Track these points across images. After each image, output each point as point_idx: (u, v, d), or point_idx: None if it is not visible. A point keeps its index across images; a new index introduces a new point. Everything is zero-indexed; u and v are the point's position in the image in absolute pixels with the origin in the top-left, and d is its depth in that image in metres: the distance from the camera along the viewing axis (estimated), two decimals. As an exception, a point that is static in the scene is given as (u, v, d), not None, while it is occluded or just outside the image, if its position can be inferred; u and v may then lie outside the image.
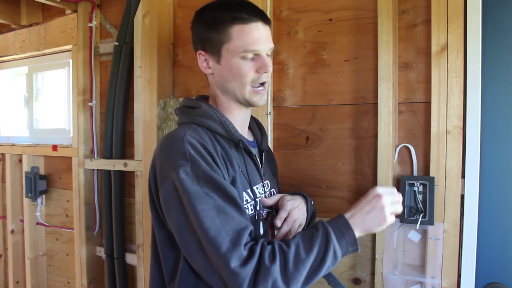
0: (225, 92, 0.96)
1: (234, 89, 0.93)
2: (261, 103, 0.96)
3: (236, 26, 0.89)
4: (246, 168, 0.94)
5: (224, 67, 0.92)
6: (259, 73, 0.91)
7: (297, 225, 0.96)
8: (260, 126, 1.13)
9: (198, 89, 1.65)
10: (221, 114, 0.94)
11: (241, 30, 0.89)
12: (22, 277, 2.29)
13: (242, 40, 0.89)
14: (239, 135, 0.94)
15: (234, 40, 0.89)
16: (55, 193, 2.17)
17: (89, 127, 1.97)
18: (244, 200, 0.90)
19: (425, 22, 1.23)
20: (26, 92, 2.33)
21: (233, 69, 0.91)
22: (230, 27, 0.89)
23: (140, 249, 1.75)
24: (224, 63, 0.92)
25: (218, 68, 0.94)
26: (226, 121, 0.93)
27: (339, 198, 1.37)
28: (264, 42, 0.91)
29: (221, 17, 0.90)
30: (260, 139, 1.08)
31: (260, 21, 0.91)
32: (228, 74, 0.92)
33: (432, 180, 1.18)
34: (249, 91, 0.93)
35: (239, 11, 0.90)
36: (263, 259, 0.74)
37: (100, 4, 1.97)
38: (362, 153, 1.33)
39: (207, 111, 0.93)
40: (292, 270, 0.74)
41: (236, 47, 0.89)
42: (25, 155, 2.18)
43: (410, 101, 1.27)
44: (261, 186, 0.99)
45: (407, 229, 1.26)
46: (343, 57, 1.36)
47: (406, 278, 1.24)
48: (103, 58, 1.97)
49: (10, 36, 2.27)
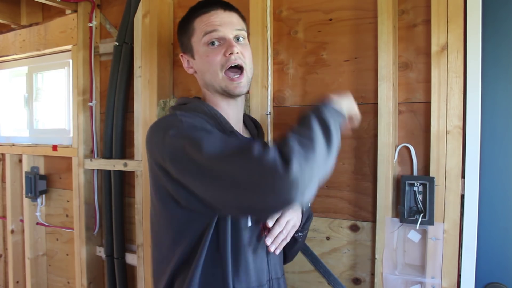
0: (207, 87, 0.99)
1: (210, 80, 0.96)
2: (238, 91, 0.95)
3: (197, 19, 0.96)
4: None
5: (197, 60, 0.97)
6: (225, 55, 0.93)
7: (290, 226, 0.95)
8: (257, 124, 1.13)
9: (198, 89, 1.64)
10: (212, 108, 0.95)
11: (200, 20, 0.96)
12: (22, 277, 2.29)
13: (202, 27, 0.94)
14: (230, 126, 0.94)
15: (196, 30, 0.96)
16: (55, 193, 2.17)
17: (89, 127, 1.97)
18: None
19: (425, 22, 1.23)
20: (26, 92, 2.33)
21: (203, 58, 0.95)
22: (193, 21, 0.98)
23: (140, 249, 1.75)
24: (196, 56, 0.97)
25: (195, 64, 0.99)
26: (217, 114, 0.94)
27: (339, 198, 1.37)
28: (226, 24, 0.94)
29: (188, 18, 1.00)
30: (257, 136, 1.08)
31: (219, 9, 0.96)
32: (202, 65, 0.96)
33: (432, 180, 1.18)
34: (223, 79, 0.94)
35: (202, 7, 0.97)
36: (278, 148, 0.70)
37: (100, 4, 1.97)
38: (362, 153, 1.33)
39: (197, 105, 0.96)
40: (307, 145, 0.71)
41: (199, 34, 0.95)
42: (25, 155, 2.18)
43: (410, 101, 1.27)
44: None
45: (407, 229, 1.26)
46: (343, 57, 1.36)
47: (406, 278, 1.24)
48: (103, 58, 1.97)
49: (10, 36, 2.27)
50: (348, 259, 1.36)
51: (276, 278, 1.01)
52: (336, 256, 1.38)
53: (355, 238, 1.34)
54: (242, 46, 0.95)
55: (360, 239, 1.34)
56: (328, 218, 1.39)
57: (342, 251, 1.37)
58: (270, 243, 0.90)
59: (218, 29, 0.93)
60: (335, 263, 1.38)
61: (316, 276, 1.40)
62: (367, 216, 1.33)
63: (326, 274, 1.37)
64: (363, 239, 1.33)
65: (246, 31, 1.00)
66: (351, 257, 1.35)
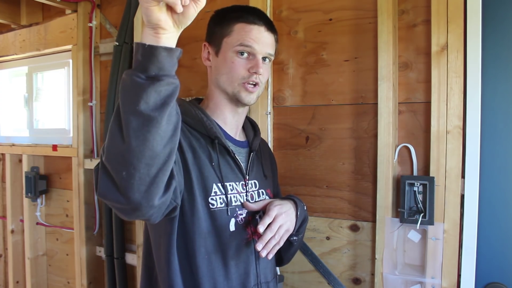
0: (218, 87, 1.00)
1: (224, 82, 0.97)
2: (247, 100, 0.97)
3: (239, 23, 0.96)
4: (219, 163, 0.95)
5: (220, 59, 0.98)
6: (249, 72, 0.95)
7: (283, 230, 0.91)
8: (255, 125, 1.13)
9: (198, 89, 1.65)
10: (201, 111, 0.97)
11: (242, 28, 0.96)
12: (22, 277, 2.29)
13: (241, 35, 0.95)
14: (216, 131, 0.95)
15: (234, 34, 0.96)
16: (55, 193, 2.17)
17: (89, 127, 1.97)
18: (213, 192, 0.92)
19: (425, 22, 1.23)
20: (26, 92, 2.33)
21: (227, 62, 0.96)
22: (234, 23, 0.96)
23: (140, 249, 1.75)
24: (221, 55, 0.98)
25: (215, 61, 1.00)
26: (204, 117, 0.95)
27: (339, 198, 1.37)
28: (262, 44, 0.96)
29: (230, 15, 0.98)
30: (252, 139, 1.08)
31: (264, 26, 0.97)
32: (222, 66, 0.97)
33: (432, 180, 1.18)
34: (238, 85, 0.96)
35: (248, 13, 0.97)
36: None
37: (100, 4, 1.97)
38: (362, 153, 1.33)
39: (187, 108, 0.97)
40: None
41: (234, 40, 0.95)
42: (25, 155, 2.18)
43: (410, 101, 1.27)
44: (241, 185, 0.99)
45: (407, 229, 1.26)
46: (343, 57, 1.36)
47: (406, 278, 1.24)
48: (103, 58, 1.97)
49: (10, 36, 2.27)
50: (348, 259, 1.36)
51: (265, 282, 1.00)
52: (336, 256, 1.38)
53: (355, 238, 1.34)
54: (265, 67, 0.98)
55: (360, 239, 1.34)
56: (328, 218, 1.39)
57: (342, 251, 1.37)
58: (261, 249, 0.88)
59: (254, 47, 0.95)
60: (335, 263, 1.38)
61: (316, 276, 1.40)
62: (367, 216, 1.33)
63: (326, 274, 1.37)
64: (363, 239, 1.33)
65: (274, 55, 1.02)
66: (351, 257, 1.35)
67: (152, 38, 0.63)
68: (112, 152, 0.65)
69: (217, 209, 0.92)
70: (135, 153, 0.62)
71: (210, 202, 0.91)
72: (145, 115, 0.61)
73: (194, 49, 1.65)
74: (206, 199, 0.91)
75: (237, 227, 0.95)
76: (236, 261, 0.94)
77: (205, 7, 0.67)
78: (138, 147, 0.62)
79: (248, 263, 0.96)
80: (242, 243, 0.96)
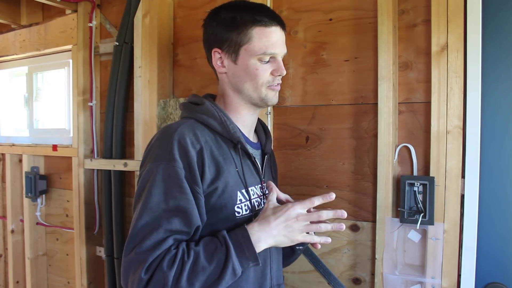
0: (238, 92, 0.97)
1: (249, 89, 0.95)
2: (274, 100, 0.98)
3: (257, 28, 0.92)
4: (243, 169, 0.94)
5: (241, 67, 0.94)
6: (274, 75, 0.94)
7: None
8: (266, 129, 1.12)
9: (198, 89, 1.65)
10: (224, 114, 0.94)
11: (261, 33, 0.92)
12: (22, 277, 2.29)
13: (263, 42, 0.92)
14: (239, 135, 0.93)
15: (254, 41, 0.92)
16: (55, 193, 2.17)
17: (89, 127, 1.97)
18: (238, 200, 0.91)
19: (425, 22, 1.23)
20: (26, 92, 2.33)
21: (250, 70, 0.93)
22: (251, 28, 0.92)
23: (140, 249, 1.75)
24: (241, 63, 0.94)
25: (233, 68, 0.95)
26: (227, 121, 0.93)
27: (339, 198, 1.37)
28: (281, 46, 0.95)
29: (242, 18, 0.92)
30: (265, 142, 1.08)
31: (279, 26, 0.95)
32: (244, 74, 0.94)
33: (432, 180, 1.18)
34: (265, 89, 0.95)
35: (260, 13, 0.93)
36: (163, 262, 0.77)
37: (100, 4, 1.97)
38: (362, 153, 1.33)
39: (209, 109, 0.94)
40: (185, 281, 0.76)
41: (256, 48, 0.92)
42: (25, 155, 2.18)
43: (410, 101, 1.27)
44: (260, 188, 0.99)
45: (407, 229, 1.26)
46: (343, 57, 1.36)
47: (406, 278, 1.24)
48: (103, 58, 1.97)
49: (10, 36, 2.27)
50: (348, 259, 1.36)
51: (277, 285, 1.01)
52: (336, 256, 1.38)
53: (355, 238, 1.34)
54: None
55: (360, 239, 1.34)
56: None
57: (342, 251, 1.37)
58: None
59: (276, 50, 0.93)
60: (335, 263, 1.38)
61: (316, 276, 1.40)
62: (367, 216, 1.33)
63: (326, 274, 1.37)
64: (363, 239, 1.33)
65: None
66: (351, 257, 1.35)
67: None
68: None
69: (242, 216, 0.91)
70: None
71: (236, 211, 0.91)
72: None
73: (194, 49, 1.65)
74: (232, 209, 0.90)
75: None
76: (255, 266, 0.94)
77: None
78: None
79: (265, 266, 0.97)
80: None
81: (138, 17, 1.71)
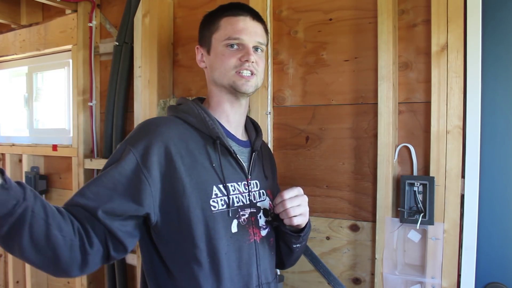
0: (215, 84, 1.01)
1: (219, 76, 0.99)
2: (244, 89, 0.97)
3: (225, 18, 0.99)
4: (221, 164, 0.95)
5: (212, 56, 1.00)
6: (241, 60, 0.96)
7: (299, 208, 0.96)
8: (257, 128, 1.13)
9: (198, 89, 1.65)
10: (204, 111, 0.98)
11: (228, 21, 0.98)
12: (22, 277, 2.29)
13: (228, 29, 0.97)
14: (218, 131, 0.95)
15: (221, 29, 0.98)
16: (55, 193, 2.17)
17: (89, 127, 1.97)
18: (214, 194, 0.92)
19: (425, 22, 1.23)
20: (26, 92, 2.33)
21: (218, 56, 0.98)
22: (220, 19, 0.99)
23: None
24: (213, 52, 1.00)
25: (208, 60, 1.02)
26: (207, 117, 0.96)
27: (339, 198, 1.37)
28: (250, 33, 0.98)
29: (215, 14, 1.01)
30: (254, 140, 1.08)
31: (248, 16, 0.99)
32: (215, 62, 0.99)
33: (432, 180, 1.18)
34: (233, 75, 0.97)
35: (231, 8, 1.00)
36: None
37: (100, 4, 1.97)
38: (362, 153, 1.33)
39: (190, 107, 0.99)
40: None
41: (222, 35, 0.98)
42: (25, 155, 2.18)
43: (410, 101, 1.27)
44: (243, 185, 0.99)
45: (407, 229, 1.26)
46: (343, 57, 1.36)
47: (406, 278, 1.24)
48: (103, 58, 1.97)
49: (10, 36, 2.27)
50: (348, 259, 1.36)
51: (266, 283, 1.00)
52: (336, 256, 1.38)
53: (355, 238, 1.34)
54: (258, 56, 0.99)
55: (360, 239, 1.34)
56: (328, 218, 1.39)
57: (342, 251, 1.37)
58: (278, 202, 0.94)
59: (242, 38, 0.96)
60: (335, 263, 1.38)
61: (316, 276, 1.40)
62: (367, 216, 1.33)
63: (326, 274, 1.37)
64: (363, 239, 1.33)
65: (266, 45, 1.03)
66: (351, 257, 1.35)
67: None
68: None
69: (218, 211, 0.92)
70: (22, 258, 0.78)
71: (211, 205, 0.91)
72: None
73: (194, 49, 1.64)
74: (207, 203, 0.91)
75: (239, 228, 0.95)
76: (239, 263, 0.94)
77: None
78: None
79: (250, 264, 0.96)
80: (245, 244, 0.95)
81: (138, 17, 1.71)
